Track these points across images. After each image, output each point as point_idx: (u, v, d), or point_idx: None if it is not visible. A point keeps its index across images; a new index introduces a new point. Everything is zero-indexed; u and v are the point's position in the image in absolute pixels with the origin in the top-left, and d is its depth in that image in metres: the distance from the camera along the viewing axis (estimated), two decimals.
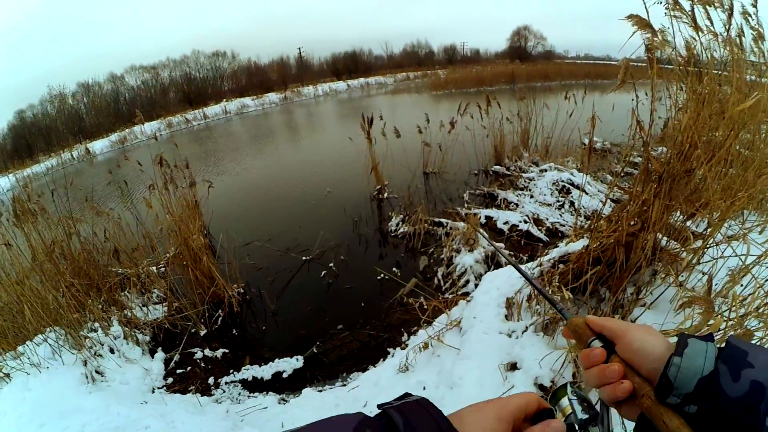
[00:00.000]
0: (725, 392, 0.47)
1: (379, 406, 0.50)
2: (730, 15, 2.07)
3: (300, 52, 56.00)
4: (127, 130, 27.76)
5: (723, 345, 0.52)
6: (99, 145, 25.24)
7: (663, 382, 0.51)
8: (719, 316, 1.78)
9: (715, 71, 2.27)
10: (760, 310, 1.78)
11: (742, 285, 1.88)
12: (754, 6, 2.20)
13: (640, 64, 2.27)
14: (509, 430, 0.51)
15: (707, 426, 0.48)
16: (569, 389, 0.68)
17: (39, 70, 44.40)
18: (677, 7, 2.04)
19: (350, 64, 59.39)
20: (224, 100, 39.34)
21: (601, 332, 0.60)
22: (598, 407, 0.66)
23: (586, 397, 0.66)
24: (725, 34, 2.14)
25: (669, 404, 0.50)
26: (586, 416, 0.63)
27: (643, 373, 0.54)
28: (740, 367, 0.48)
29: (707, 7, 2.06)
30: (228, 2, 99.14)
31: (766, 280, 1.83)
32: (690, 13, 2.06)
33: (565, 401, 0.65)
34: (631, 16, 2.07)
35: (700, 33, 2.12)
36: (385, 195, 7.87)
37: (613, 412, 0.60)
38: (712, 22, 2.11)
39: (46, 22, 69.47)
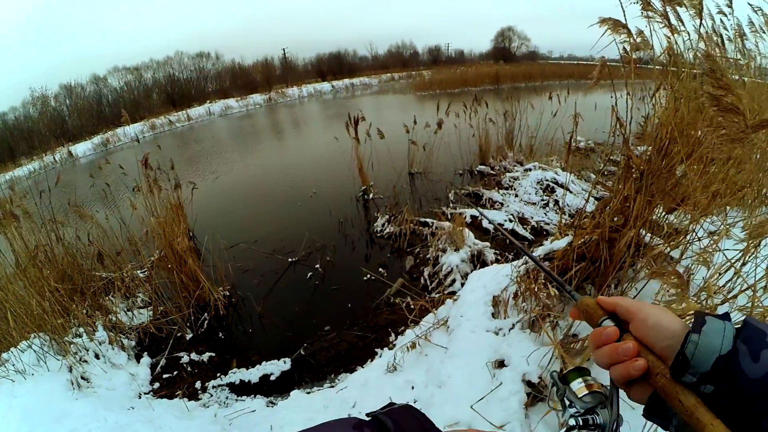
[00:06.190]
0: (744, 372, 0.46)
1: (368, 414, 0.52)
2: (700, 14, 2.12)
3: (284, 53, 55.69)
4: (110, 132, 27.27)
5: (740, 325, 0.51)
6: (81, 148, 24.63)
7: (679, 360, 0.50)
8: (694, 301, 1.82)
9: (697, 70, 2.31)
10: (738, 299, 1.82)
11: (720, 274, 1.92)
12: (729, 6, 2.26)
13: (617, 63, 2.31)
14: None
15: (725, 406, 0.48)
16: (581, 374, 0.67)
17: (22, 73, 43.69)
18: (650, 7, 2.09)
19: (335, 65, 59.25)
20: (208, 101, 38.81)
21: (613, 311, 0.60)
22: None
23: (596, 380, 0.66)
24: (700, 32, 2.19)
25: (684, 383, 0.50)
26: (595, 402, 0.63)
27: (657, 352, 0.54)
28: (760, 347, 0.47)
29: (677, 7, 2.10)
30: (212, 1, 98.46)
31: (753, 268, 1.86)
32: (663, 13, 2.10)
33: (575, 384, 0.65)
34: (604, 21, 2.10)
35: (675, 33, 2.16)
36: (371, 195, 7.88)
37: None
38: (682, 22, 2.16)
39: (30, 26, 68.54)
